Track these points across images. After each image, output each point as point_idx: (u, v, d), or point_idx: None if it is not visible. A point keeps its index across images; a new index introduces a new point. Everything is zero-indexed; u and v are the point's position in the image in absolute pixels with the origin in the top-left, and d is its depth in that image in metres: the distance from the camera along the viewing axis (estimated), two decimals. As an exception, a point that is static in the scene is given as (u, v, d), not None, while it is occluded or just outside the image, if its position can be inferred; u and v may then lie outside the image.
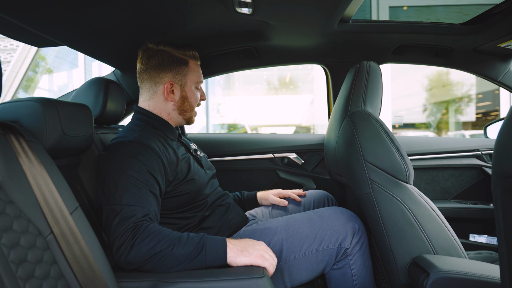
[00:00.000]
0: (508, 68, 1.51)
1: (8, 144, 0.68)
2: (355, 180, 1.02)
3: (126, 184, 0.88)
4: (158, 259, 0.80)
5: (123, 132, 1.05)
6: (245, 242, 0.88)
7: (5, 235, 0.57)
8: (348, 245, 1.01)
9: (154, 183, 0.92)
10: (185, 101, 1.13)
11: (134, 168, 0.90)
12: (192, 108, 1.16)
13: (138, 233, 0.82)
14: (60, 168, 0.79)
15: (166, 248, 0.81)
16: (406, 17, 9.28)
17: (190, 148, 1.18)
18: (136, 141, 0.96)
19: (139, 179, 0.89)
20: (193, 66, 1.14)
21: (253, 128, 14.64)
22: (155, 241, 0.81)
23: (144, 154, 0.94)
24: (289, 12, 1.04)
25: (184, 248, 0.81)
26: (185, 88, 1.12)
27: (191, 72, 1.13)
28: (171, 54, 1.09)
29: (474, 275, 0.76)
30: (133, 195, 0.87)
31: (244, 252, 0.84)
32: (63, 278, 0.65)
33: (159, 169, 0.95)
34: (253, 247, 0.86)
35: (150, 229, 0.83)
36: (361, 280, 1.03)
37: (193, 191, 1.05)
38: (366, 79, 1.12)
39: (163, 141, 1.05)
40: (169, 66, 1.09)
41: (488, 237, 1.52)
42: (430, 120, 13.61)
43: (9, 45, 10.99)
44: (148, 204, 0.88)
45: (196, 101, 1.17)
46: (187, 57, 1.13)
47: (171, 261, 0.81)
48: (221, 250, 0.83)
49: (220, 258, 0.83)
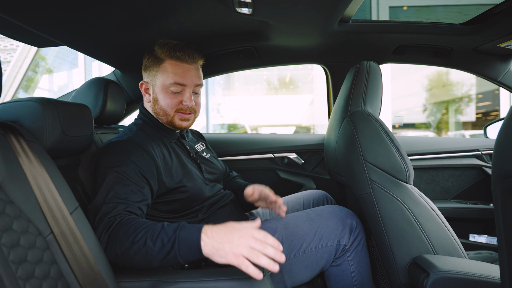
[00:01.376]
0: (508, 68, 1.51)
1: (8, 144, 0.68)
2: (355, 180, 1.02)
3: (112, 182, 0.86)
4: (132, 254, 0.74)
5: (123, 130, 1.07)
6: (224, 233, 0.72)
7: (5, 235, 0.57)
8: (347, 242, 1.02)
9: (142, 183, 0.90)
10: (155, 103, 1.07)
11: (121, 166, 0.89)
12: (165, 112, 1.06)
13: (110, 229, 0.78)
14: (60, 168, 0.80)
15: (139, 240, 0.74)
16: (406, 17, 9.28)
17: (190, 151, 1.14)
18: (129, 141, 0.96)
19: (126, 177, 0.87)
20: (168, 66, 1.03)
21: (253, 128, 14.64)
22: (126, 235, 0.75)
23: (135, 153, 0.93)
24: (289, 12, 1.04)
25: (157, 241, 0.73)
26: (155, 90, 1.07)
27: (162, 72, 1.04)
28: (153, 54, 1.06)
29: (474, 275, 0.76)
30: (116, 192, 0.85)
31: (220, 252, 0.70)
32: (63, 278, 0.65)
33: (150, 170, 0.93)
34: (231, 243, 0.70)
35: (124, 222, 0.78)
36: (360, 276, 1.04)
37: (186, 197, 1.02)
38: (366, 79, 1.12)
39: (159, 143, 1.04)
40: (145, 67, 1.09)
41: (488, 237, 1.52)
42: (430, 120, 13.61)
43: (9, 45, 10.99)
44: (131, 199, 0.85)
45: (169, 106, 1.05)
46: (165, 55, 1.04)
47: (145, 256, 0.74)
48: (194, 243, 0.72)
49: (195, 252, 0.72)
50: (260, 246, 0.70)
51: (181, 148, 1.13)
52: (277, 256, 0.70)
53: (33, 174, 0.68)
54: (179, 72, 1.04)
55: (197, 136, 1.34)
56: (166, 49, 1.03)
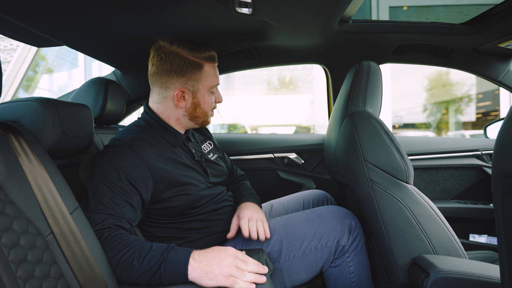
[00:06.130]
0: (508, 68, 1.51)
1: (8, 144, 0.68)
2: (355, 180, 1.02)
3: (102, 192, 0.85)
4: (118, 271, 0.76)
5: (122, 132, 1.03)
6: (211, 256, 0.77)
7: (5, 235, 0.57)
8: (346, 242, 1.02)
9: (132, 192, 0.88)
10: (197, 107, 1.05)
11: (113, 175, 0.87)
12: (205, 114, 1.08)
13: None
14: (60, 168, 0.80)
15: (126, 260, 0.75)
16: (406, 17, 9.29)
17: (195, 155, 1.10)
18: (125, 146, 0.93)
19: (116, 187, 0.86)
20: (209, 69, 1.04)
21: (253, 128, 14.64)
22: (114, 252, 0.76)
23: (128, 162, 0.90)
24: (289, 12, 1.04)
25: (143, 263, 0.75)
26: (197, 95, 1.04)
27: (206, 76, 1.04)
28: (184, 57, 1.01)
29: (474, 275, 0.76)
30: (105, 203, 0.83)
31: (209, 274, 0.74)
32: (63, 278, 0.65)
33: (143, 177, 0.91)
34: (219, 265, 0.75)
35: (111, 238, 0.78)
36: (359, 277, 1.04)
37: (184, 203, 1.00)
38: (366, 79, 1.12)
39: (160, 147, 1.00)
40: (180, 71, 1.01)
41: (488, 237, 1.52)
42: (430, 120, 13.62)
43: (9, 45, 11.00)
44: (121, 213, 0.84)
45: (210, 107, 1.09)
46: (202, 59, 1.03)
47: (131, 275, 0.76)
48: (181, 267, 0.74)
49: (180, 276, 0.74)
50: (244, 265, 0.77)
51: (186, 152, 1.09)
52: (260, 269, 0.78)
53: (33, 174, 0.68)
54: (216, 73, 1.08)
55: (204, 135, 1.28)
56: (203, 53, 1.03)
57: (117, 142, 0.96)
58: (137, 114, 1.15)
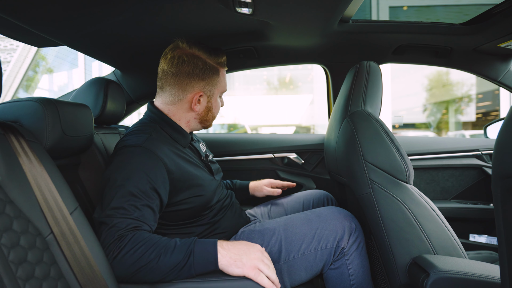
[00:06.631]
0: (508, 68, 1.51)
1: (8, 144, 0.68)
2: (355, 180, 1.02)
3: (123, 195, 0.82)
4: (145, 272, 0.75)
5: (132, 131, 0.99)
6: (240, 247, 0.81)
7: (5, 235, 0.57)
8: (345, 244, 1.01)
9: (153, 197, 0.86)
10: (209, 111, 1.08)
11: (135, 179, 0.84)
12: (214, 118, 1.12)
13: (122, 245, 0.76)
14: (60, 168, 0.80)
15: (153, 259, 0.75)
16: (406, 17, 9.29)
17: (201, 155, 1.11)
18: (144, 147, 0.90)
19: (138, 192, 0.83)
20: (222, 74, 1.08)
21: (253, 128, 14.65)
22: (140, 253, 0.75)
23: (148, 164, 0.88)
24: (289, 12, 1.04)
25: (171, 258, 0.76)
26: (211, 99, 1.06)
27: (220, 81, 1.07)
28: (205, 61, 1.02)
29: (474, 275, 0.76)
30: (127, 207, 0.81)
31: (238, 262, 0.78)
32: (63, 278, 0.65)
33: (163, 180, 0.89)
34: (248, 256, 0.79)
35: (136, 238, 0.77)
36: (358, 280, 1.03)
37: (201, 203, 1.00)
38: (366, 79, 1.12)
39: (173, 148, 0.98)
40: (202, 76, 1.01)
41: (488, 237, 1.52)
42: (430, 120, 13.61)
43: (9, 45, 11.00)
44: (143, 218, 0.82)
45: (218, 111, 1.12)
46: (219, 65, 1.06)
47: (159, 273, 0.76)
48: (211, 256, 0.77)
49: (210, 264, 0.77)
50: (269, 262, 0.81)
51: (194, 152, 1.09)
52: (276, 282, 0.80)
53: (33, 174, 0.68)
54: (225, 79, 1.11)
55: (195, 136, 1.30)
56: (220, 58, 1.06)
57: (134, 142, 0.92)
58: (137, 114, 1.14)
